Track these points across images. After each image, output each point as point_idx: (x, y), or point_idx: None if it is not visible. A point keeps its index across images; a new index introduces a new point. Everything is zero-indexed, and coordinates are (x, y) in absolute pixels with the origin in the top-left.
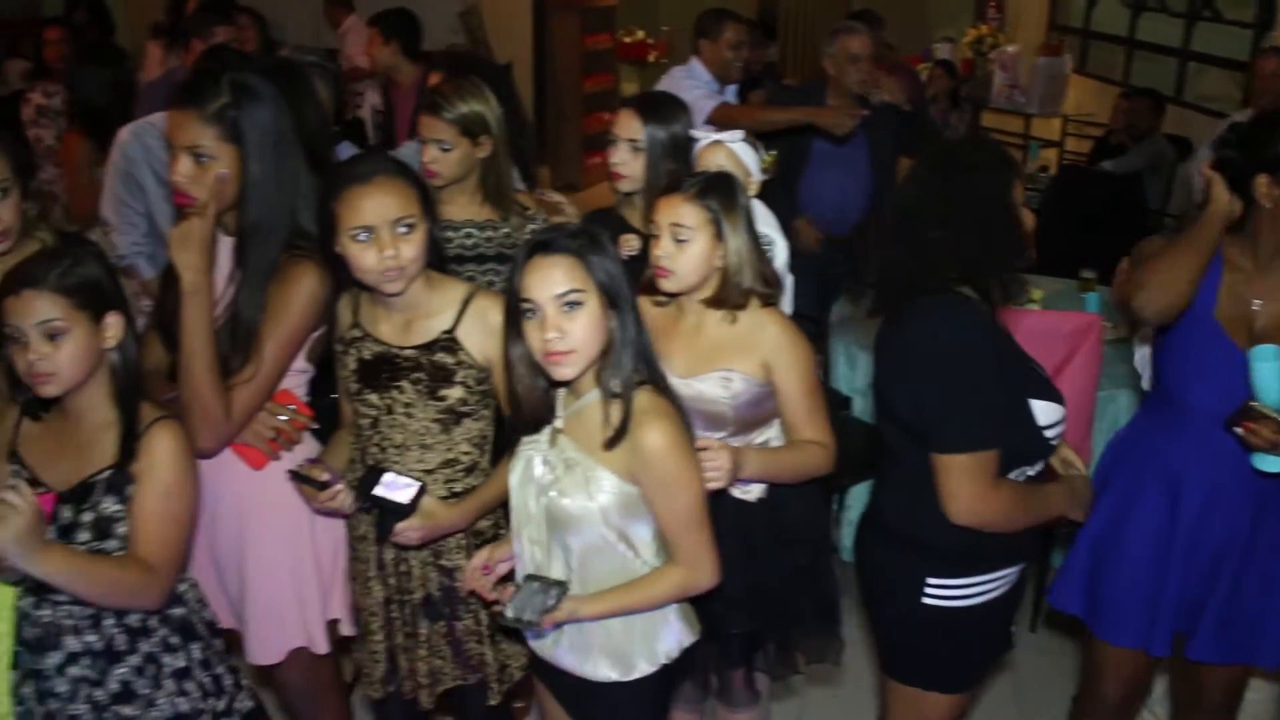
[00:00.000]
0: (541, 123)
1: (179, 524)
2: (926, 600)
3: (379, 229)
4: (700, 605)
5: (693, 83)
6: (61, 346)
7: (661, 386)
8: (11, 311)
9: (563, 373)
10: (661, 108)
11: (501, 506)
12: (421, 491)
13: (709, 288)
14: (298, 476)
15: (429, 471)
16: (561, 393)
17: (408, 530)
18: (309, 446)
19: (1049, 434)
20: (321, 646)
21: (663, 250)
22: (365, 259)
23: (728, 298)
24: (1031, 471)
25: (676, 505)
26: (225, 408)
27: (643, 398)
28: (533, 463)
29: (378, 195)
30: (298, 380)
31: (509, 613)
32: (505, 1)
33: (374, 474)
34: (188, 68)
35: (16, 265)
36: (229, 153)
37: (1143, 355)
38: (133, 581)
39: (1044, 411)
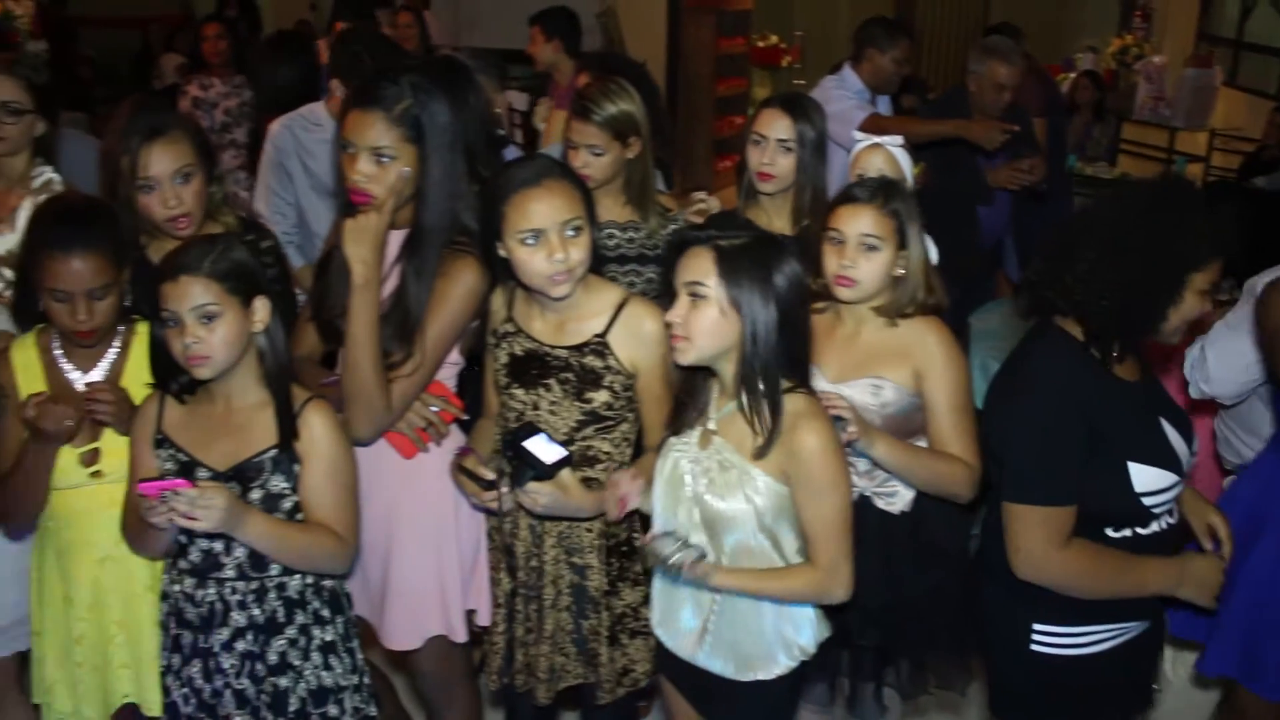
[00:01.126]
0: (673, 125)
1: (351, 493)
2: (1035, 648)
3: (548, 232)
4: (834, 614)
5: (843, 92)
6: (215, 330)
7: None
8: (169, 297)
9: (676, 358)
10: (808, 107)
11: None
12: (566, 461)
13: (882, 296)
14: (463, 470)
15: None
16: (714, 395)
17: (538, 493)
18: (455, 437)
19: (1150, 500)
20: (460, 635)
21: (849, 259)
22: (534, 262)
23: (901, 306)
24: (1145, 531)
25: (824, 508)
26: (388, 398)
27: (797, 401)
28: (680, 464)
29: (547, 198)
30: (449, 372)
31: (663, 549)
32: (641, 4)
33: (528, 430)
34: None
35: (172, 252)
36: (410, 152)
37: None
38: (330, 545)
39: (1146, 478)
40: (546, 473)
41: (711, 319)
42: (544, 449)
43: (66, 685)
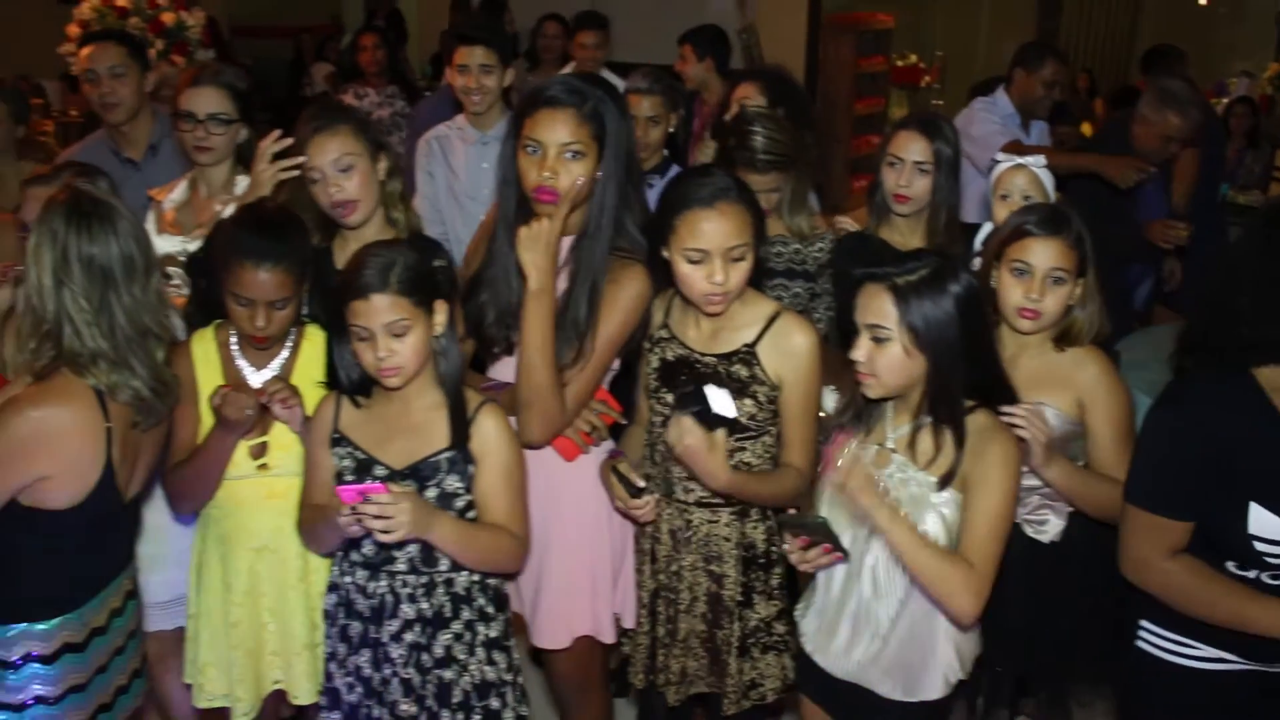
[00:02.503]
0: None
1: (524, 494)
2: (1140, 644)
3: (713, 255)
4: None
5: (989, 115)
6: (406, 341)
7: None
8: (359, 313)
9: (865, 392)
10: (942, 127)
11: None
12: (729, 423)
13: (1057, 325)
14: (617, 473)
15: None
16: (890, 413)
17: (690, 431)
18: (607, 441)
19: (1263, 547)
20: (608, 636)
21: (1036, 293)
22: (694, 279)
23: (1076, 335)
24: (1272, 581)
25: (989, 508)
26: (563, 402)
27: (979, 418)
28: None
29: (718, 221)
30: (606, 377)
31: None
32: (782, 21)
33: (717, 380)
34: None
35: (358, 268)
36: (594, 152)
37: None
38: (508, 544)
39: (1266, 522)
40: (709, 419)
41: (896, 358)
42: (719, 399)
43: (220, 668)
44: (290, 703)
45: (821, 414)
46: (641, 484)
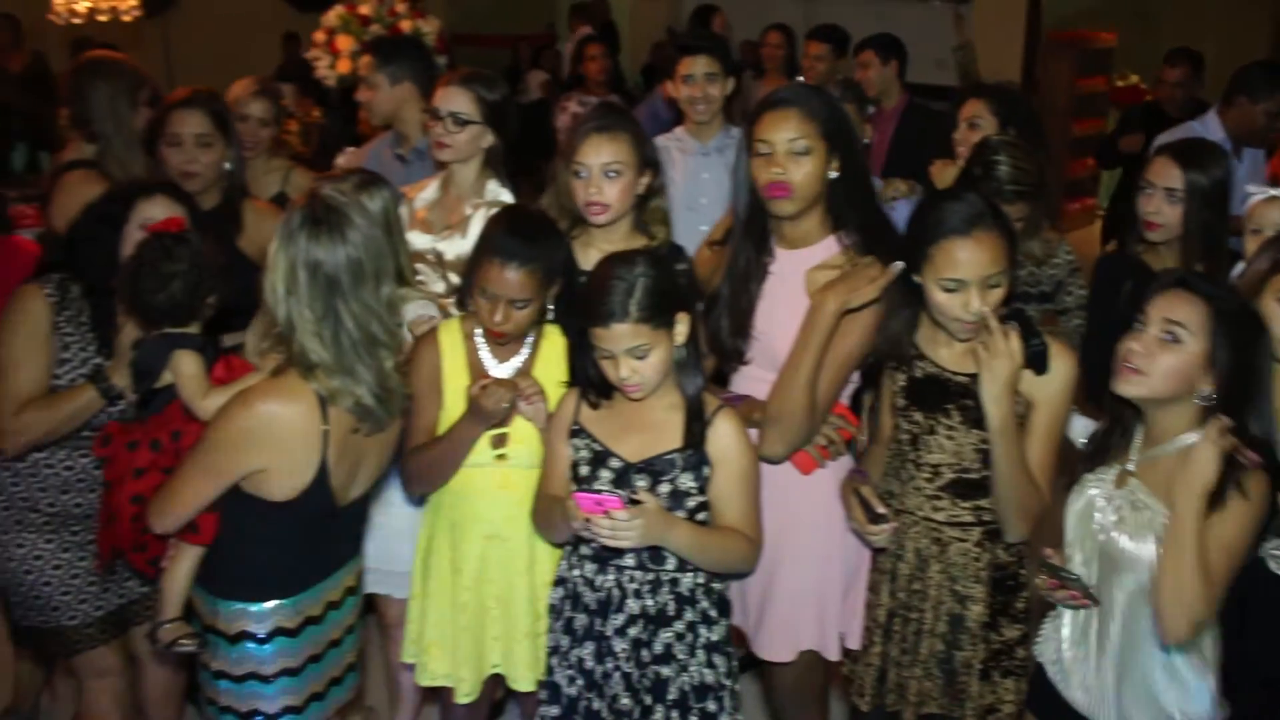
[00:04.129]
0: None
1: (758, 499)
2: None
3: (970, 284)
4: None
5: None
6: (648, 360)
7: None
8: (603, 338)
9: (1120, 386)
10: (1201, 154)
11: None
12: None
13: None
14: (859, 495)
15: (949, 488)
16: (1138, 439)
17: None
18: (845, 458)
19: None
20: (833, 653)
21: None
22: (949, 307)
23: None
24: None
25: (1224, 535)
26: (810, 424)
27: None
28: (1095, 500)
29: (975, 251)
30: (845, 391)
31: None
32: (999, 37)
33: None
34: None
35: (599, 293)
36: (822, 149)
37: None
38: (742, 548)
39: None
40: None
41: (1179, 365)
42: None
43: (445, 648)
44: (508, 687)
45: (1081, 441)
46: (882, 510)
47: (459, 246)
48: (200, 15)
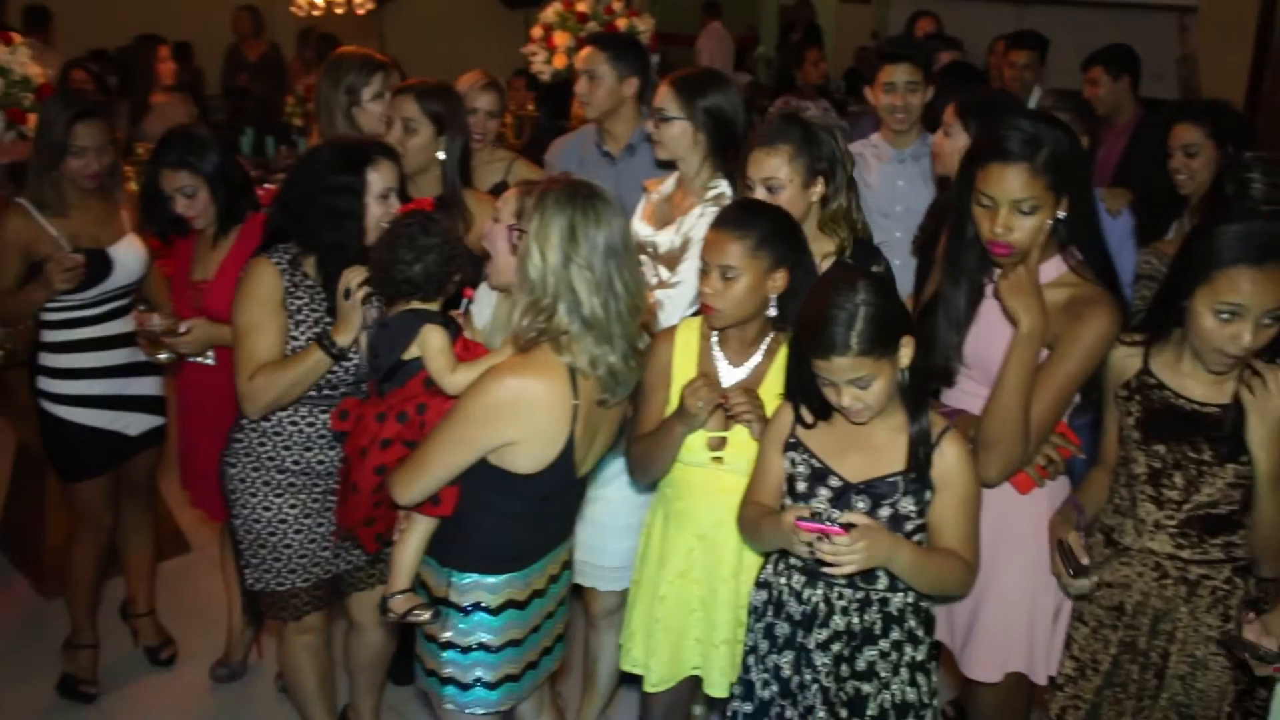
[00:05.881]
0: None
1: (978, 522)
2: None
3: (1249, 315)
4: None
5: None
6: (871, 388)
7: None
8: (823, 369)
9: None
10: None
11: None
12: None
13: None
14: (1063, 545)
15: (1194, 524)
16: None
17: None
18: (1062, 482)
19: None
20: (1040, 677)
21: None
22: (1218, 335)
23: None
24: None
25: None
26: (1027, 445)
27: None
28: None
29: (1264, 283)
30: (1067, 410)
31: None
32: (1224, 51)
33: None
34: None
35: (820, 322)
36: (1050, 201)
37: None
38: (960, 571)
39: None
40: None
41: None
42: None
43: (643, 637)
44: (705, 692)
45: None
46: (1086, 561)
47: (670, 240)
48: (410, 12)
